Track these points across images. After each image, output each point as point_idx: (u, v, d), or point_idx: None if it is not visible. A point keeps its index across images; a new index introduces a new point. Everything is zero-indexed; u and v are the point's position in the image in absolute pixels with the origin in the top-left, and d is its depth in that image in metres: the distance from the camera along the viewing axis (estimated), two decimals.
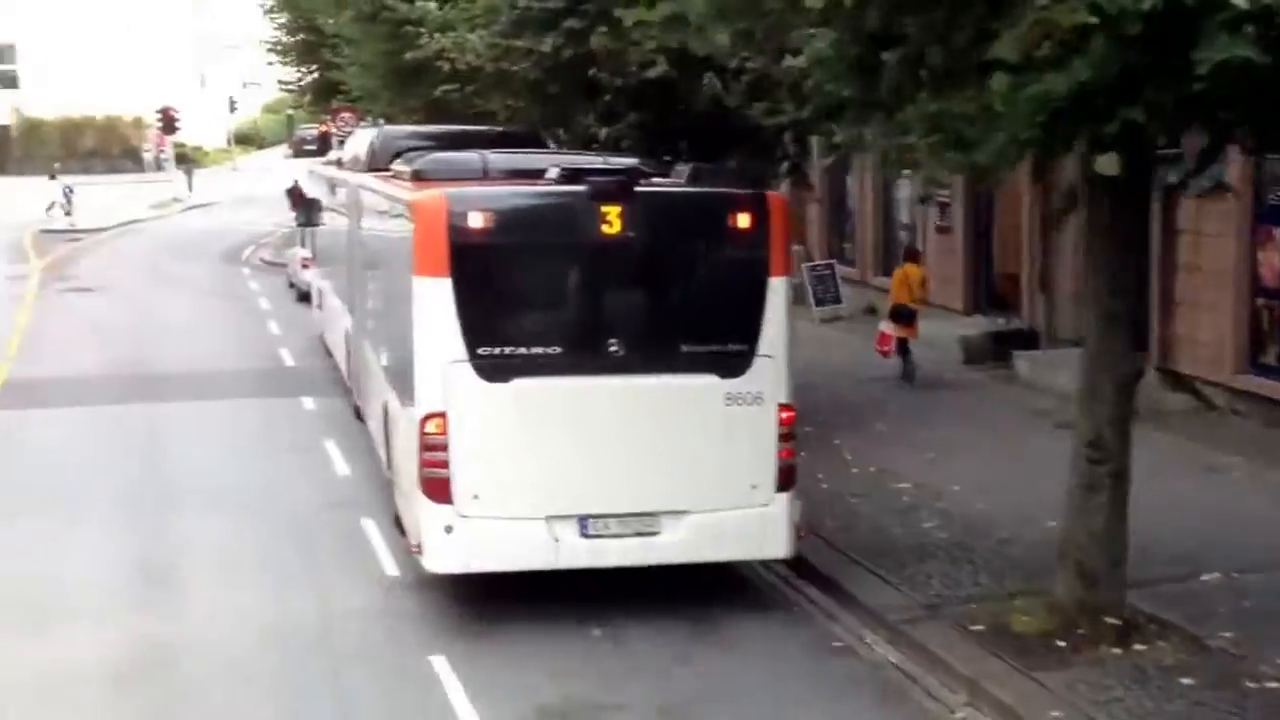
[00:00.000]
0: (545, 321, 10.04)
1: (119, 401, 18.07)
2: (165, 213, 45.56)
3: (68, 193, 41.19)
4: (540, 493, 9.85)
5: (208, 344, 22.68)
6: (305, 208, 21.87)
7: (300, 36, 36.56)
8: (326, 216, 20.61)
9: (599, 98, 14.69)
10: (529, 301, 10.05)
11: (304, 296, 26.65)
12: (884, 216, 23.76)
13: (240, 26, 70.36)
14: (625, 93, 14.34)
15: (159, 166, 60.15)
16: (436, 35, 15.20)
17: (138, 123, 59.90)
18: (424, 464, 9.83)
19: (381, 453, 13.01)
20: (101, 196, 47.96)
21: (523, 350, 9.87)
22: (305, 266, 26.13)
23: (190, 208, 46.50)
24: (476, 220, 9.75)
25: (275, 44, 38.63)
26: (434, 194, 9.99)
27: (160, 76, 59.35)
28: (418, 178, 11.63)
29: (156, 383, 19.33)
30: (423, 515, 9.90)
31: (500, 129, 17.59)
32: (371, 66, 23.34)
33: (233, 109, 62.07)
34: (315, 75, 37.79)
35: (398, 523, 11.39)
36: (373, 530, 12.19)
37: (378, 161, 15.90)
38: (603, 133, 14.23)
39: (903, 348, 17.91)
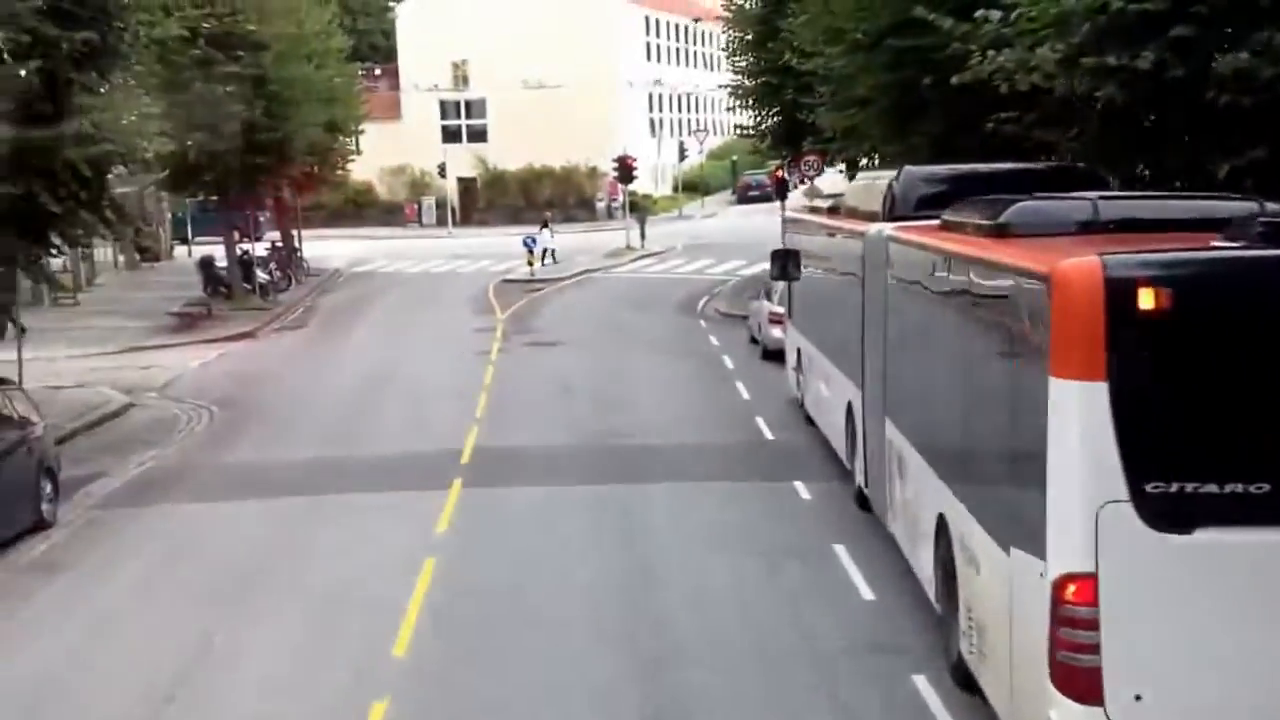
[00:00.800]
0: (1247, 444, 6.83)
1: (591, 480, 16.19)
2: (619, 261, 45.08)
3: (529, 243, 41.31)
4: (1236, 697, 6.63)
5: (675, 408, 20.71)
6: (781, 259, 19.55)
7: (763, 79, 34.70)
8: (811, 269, 18.17)
9: (1204, 124, 11.28)
10: (1223, 414, 6.86)
11: (770, 354, 24.43)
12: None
13: (688, 75, 70.48)
14: (1249, 117, 10.87)
15: (610, 215, 60.59)
16: (990, 54, 12.24)
17: (592, 173, 60.65)
18: (1058, 644, 6.85)
19: (928, 582, 10.13)
20: (558, 246, 48.21)
21: (1212, 486, 6.72)
22: (775, 322, 23.88)
23: (642, 256, 45.86)
24: (1148, 297, 6.71)
25: (736, 88, 37.00)
26: (1082, 261, 6.96)
27: (610, 126, 59.92)
28: (1002, 232, 8.73)
29: (628, 457, 17.39)
30: (1054, 716, 6.89)
31: (1052, 164, 14.48)
32: (867, 101, 20.75)
33: (682, 157, 61.77)
34: (776, 119, 35.84)
35: (956, 671, 8.52)
36: (930, 694, 9.27)
37: (900, 209, 13.19)
38: (1223, 170, 10.80)
39: None
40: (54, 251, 21.06)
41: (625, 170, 46.90)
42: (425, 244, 55.25)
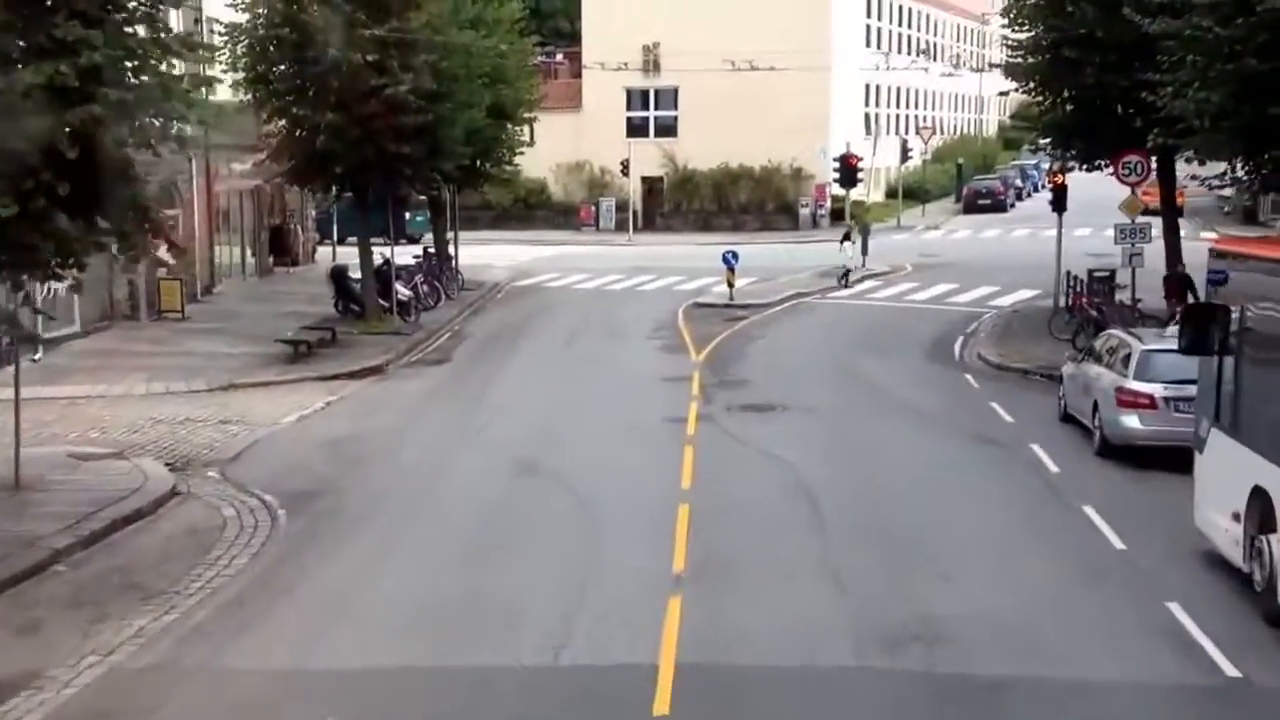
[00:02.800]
0: None
1: None
2: (836, 283, 36.99)
3: (730, 259, 33.50)
4: None
5: (1011, 572, 12.47)
6: (1205, 323, 11.52)
7: (1054, 54, 26.22)
8: None
9: None
10: None
11: (1113, 451, 16.22)
12: None
13: (910, 66, 61.73)
14: None
15: (815, 223, 52.44)
16: None
17: (796, 174, 52.63)
18: None
19: None
20: (760, 261, 40.41)
21: None
22: (1131, 405, 15.70)
23: (865, 276, 37.71)
24: None
25: (1014, 65, 28.45)
26: None
27: (819, 121, 51.81)
28: None
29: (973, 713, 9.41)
30: None
31: None
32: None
33: (905, 158, 53.28)
34: (1068, 107, 27.31)
35: None
36: None
37: None
38: None
39: None
40: (55, 275, 14.18)
41: (849, 172, 38.82)
42: (602, 252, 47.98)
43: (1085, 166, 29.10)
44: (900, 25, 61.69)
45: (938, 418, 19.94)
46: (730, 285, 33.63)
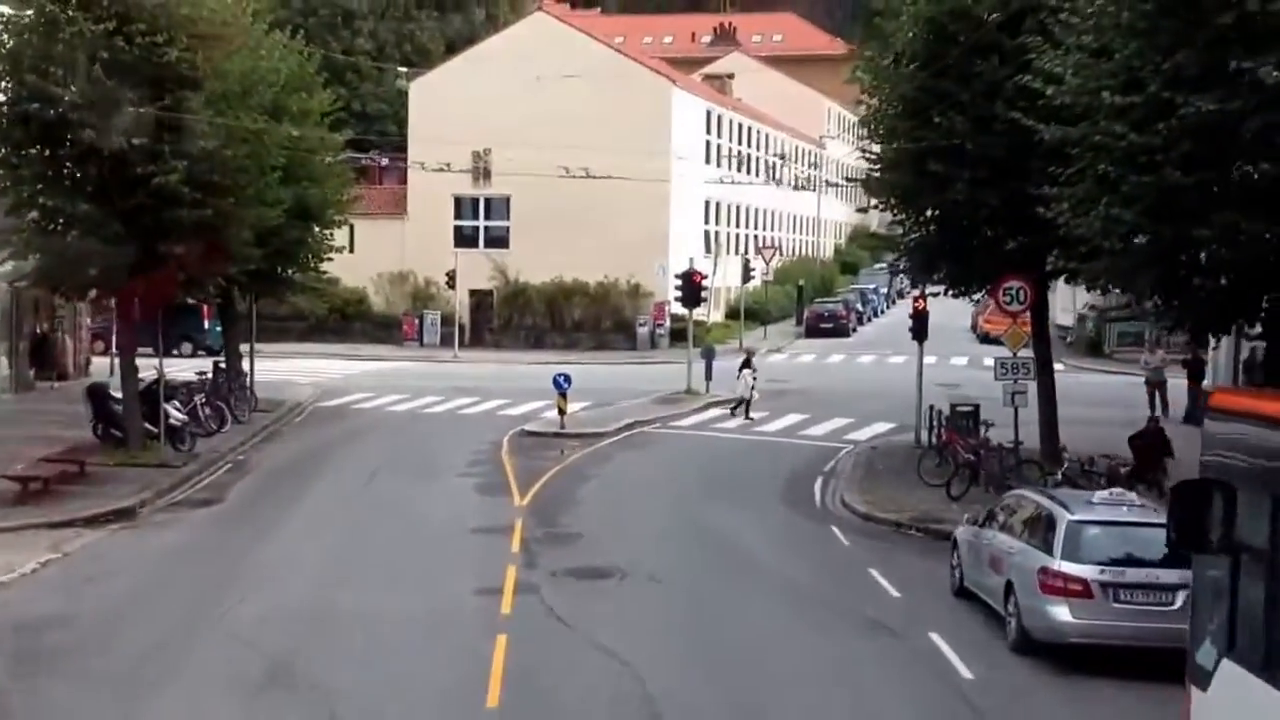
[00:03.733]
0: None
1: None
2: (678, 410, 33.59)
3: (561, 383, 29.77)
4: None
5: None
6: (1205, 504, 8.22)
7: (914, 169, 23.45)
8: None
9: None
10: None
11: (1034, 647, 12.84)
12: None
13: (749, 184, 59.66)
14: None
15: (654, 343, 49.25)
16: None
17: (634, 291, 49.50)
18: None
19: None
20: (595, 383, 36.88)
21: None
22: (1057, 592, 12.37)
23: (710, 404, 34.41)
24: None
25: (871, 179, 25.62)
26: None
27: (659, 238, 48.97)
28: None
29: None
30: None
31: None
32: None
33: (747, 277, 50.68)
34: (930, 229, 24.54)
35: None
36: None
37: None
38: None
39: None
40: None
41: (692, 290, 35.57)
42: (424, 369, 43.86)
43: (953, 292, 26.30)
44: (740, 143, 59.66)
45: (810, 592, 16.35)
46: (561, 411, 29.89)
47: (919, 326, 28.48)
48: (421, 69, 54.00)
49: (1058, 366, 48.19)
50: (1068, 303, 51.90)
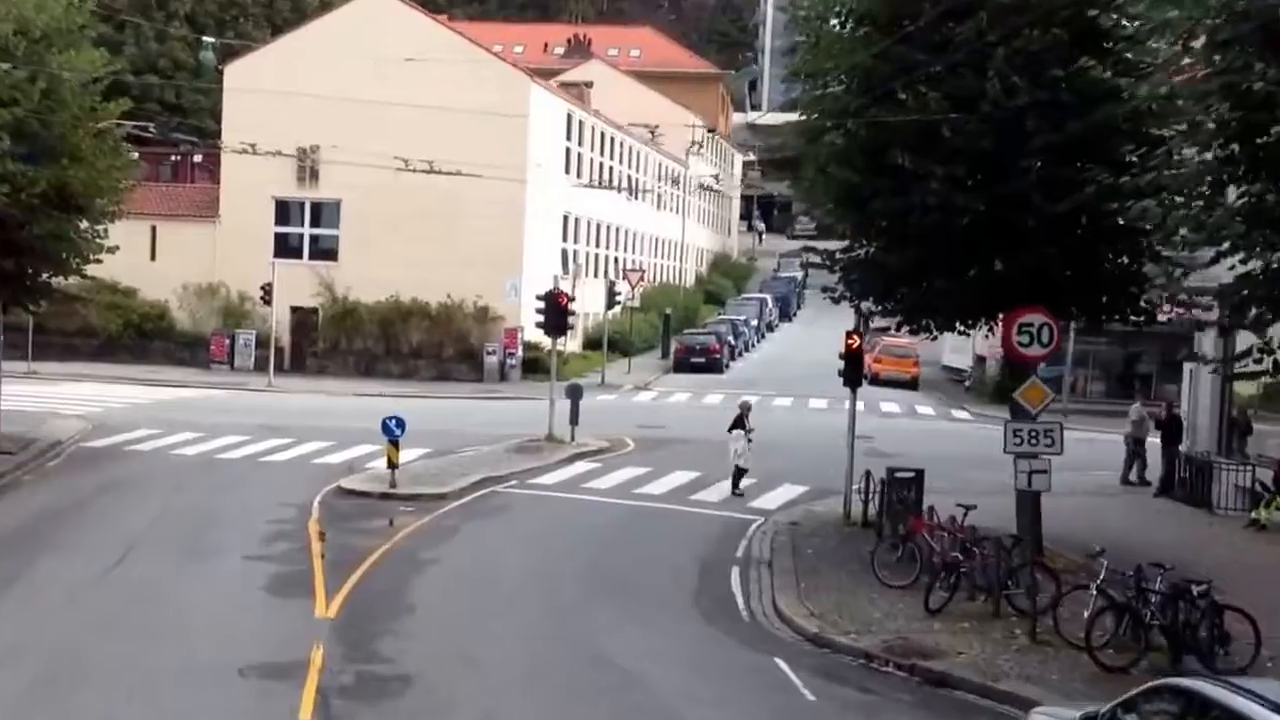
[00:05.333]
0: None
1: None
2: (541, 462, 27.26)
3: (393, 429, 23.28)
4: None
5: None
6: None
7: (870, 158, 17.69)
8: None
9: None
10: None
11: None
12: None
13: (614, 199, 53.73)
14: None
15: (504, 375, 42.83)
16: None
17: (482, 314, 43.05)
18: None
19: None
20: (436, 422, 30.42)
21: None
22: None
23: (578, 455, 28.18)
24: None
25: (806, 170, 19.74)
26: None
27: (510, 255, 42.68)
28: None
29: None
30: None
31: None
32: None
33: (611, 304, 44.62)
34: (869, 249, 18.88)
35: None
36: None
37: None
38: None
39: None
40: None
41: (558, 314, 29.30)
42: (232, 400, 36.81)
43: (919, 328, 20.33)
44: (603, 154, 53.78)
45: None
46: (393, 465, 23.36)
47: (852, 370, 22.73)
48: (241, 51, 46.75)
49: (961, 414, 43.88)
50: (961, 340, 46.91)
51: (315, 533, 19.65)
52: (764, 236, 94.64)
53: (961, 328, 20.77)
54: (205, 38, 44.02)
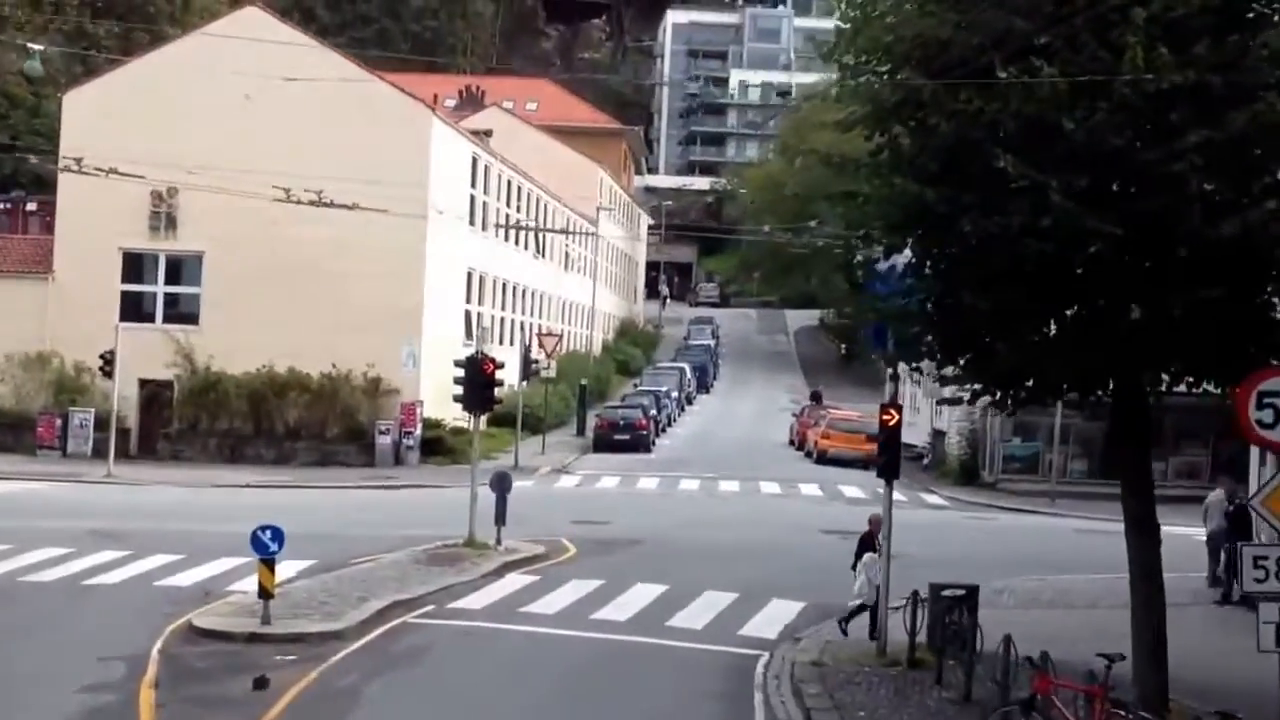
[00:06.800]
0: None
1: None
2: (461, 577, 20.52)
3: (266, 542, 16.60)
4: None
5: None
6: None
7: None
8: None
9: None
10: None
11: None
12: None
13: (524, 257, 47.45)
14: None
15: (399, 458, 36.11)
16: None
17: (374, 386, 36.38)
18: None
19: None
20: (322, 523, 23.70)
21: None
22: None
23: (507, 565, 21.58)
24: None
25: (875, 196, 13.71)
26: None
27: (405, 315, 36.26)
28: None
29: None
30: None
31: None
32: None
33: (527, 374, 38.24)
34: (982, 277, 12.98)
35: None
36: None
37: None
38: None
39: None
40: None
41: (482, 386, 22.79)
42: (58, 496, 29.79)
43: (995, 399, 14.37)
44: (509, 205, 47.62)
45: None
46: (267, 591, 16.61)
47: (890, 459, 16.64)
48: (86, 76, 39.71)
49: (934, 499, 38.10)
50: (913, 414, 41.22)
51: (149, 701, 12.98)
52: (668, 302, 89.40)
53: (1063, 399, 15.02)
54: (31, 45, 36.80)
